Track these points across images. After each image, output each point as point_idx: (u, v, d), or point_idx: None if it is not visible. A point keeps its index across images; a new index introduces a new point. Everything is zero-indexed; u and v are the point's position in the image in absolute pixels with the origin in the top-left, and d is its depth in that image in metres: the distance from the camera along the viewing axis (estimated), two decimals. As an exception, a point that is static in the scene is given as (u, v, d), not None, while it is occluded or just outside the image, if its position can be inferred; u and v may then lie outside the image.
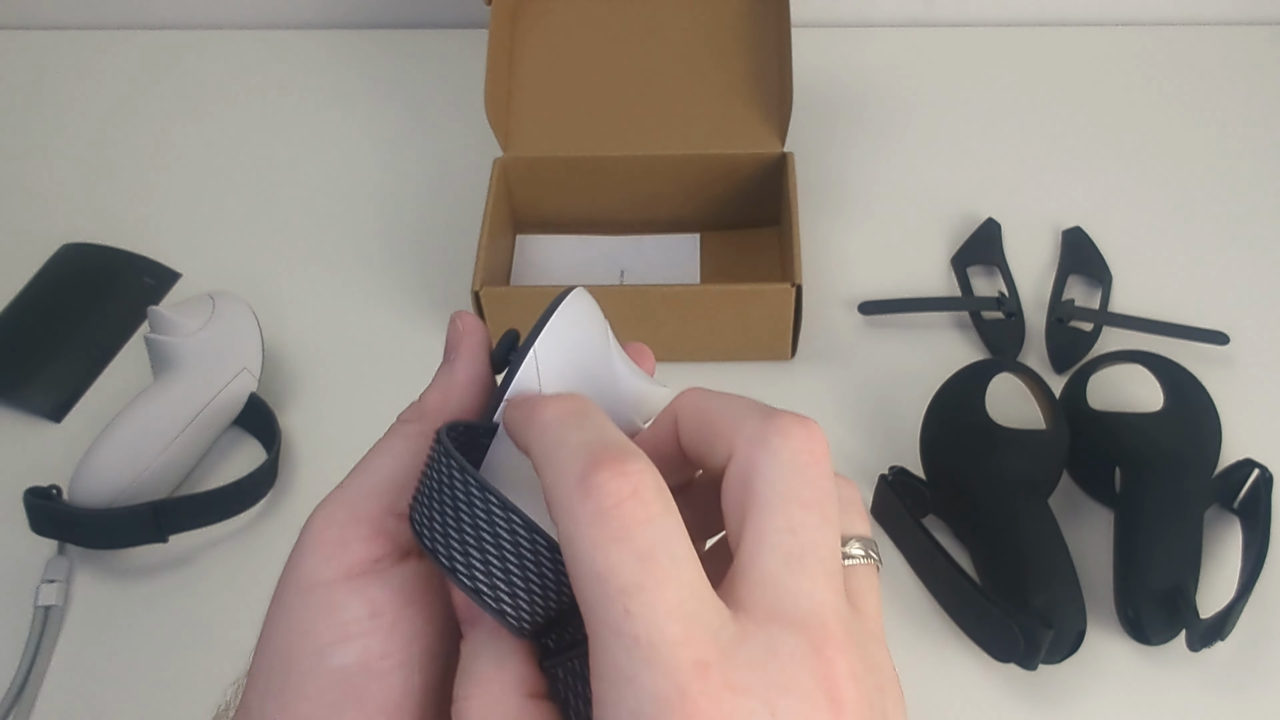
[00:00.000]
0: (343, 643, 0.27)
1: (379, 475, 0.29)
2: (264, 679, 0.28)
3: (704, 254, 0.73)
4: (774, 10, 0.72)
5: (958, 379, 0.60)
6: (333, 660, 0.27)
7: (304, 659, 0.27)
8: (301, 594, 0.28)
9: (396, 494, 0.29)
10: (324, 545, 0.28)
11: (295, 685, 0.28)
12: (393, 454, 0.30)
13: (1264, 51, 0.84)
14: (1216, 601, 0.54)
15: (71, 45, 0.91)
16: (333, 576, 0.28)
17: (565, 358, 0.31)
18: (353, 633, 0.27)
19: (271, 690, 0.28)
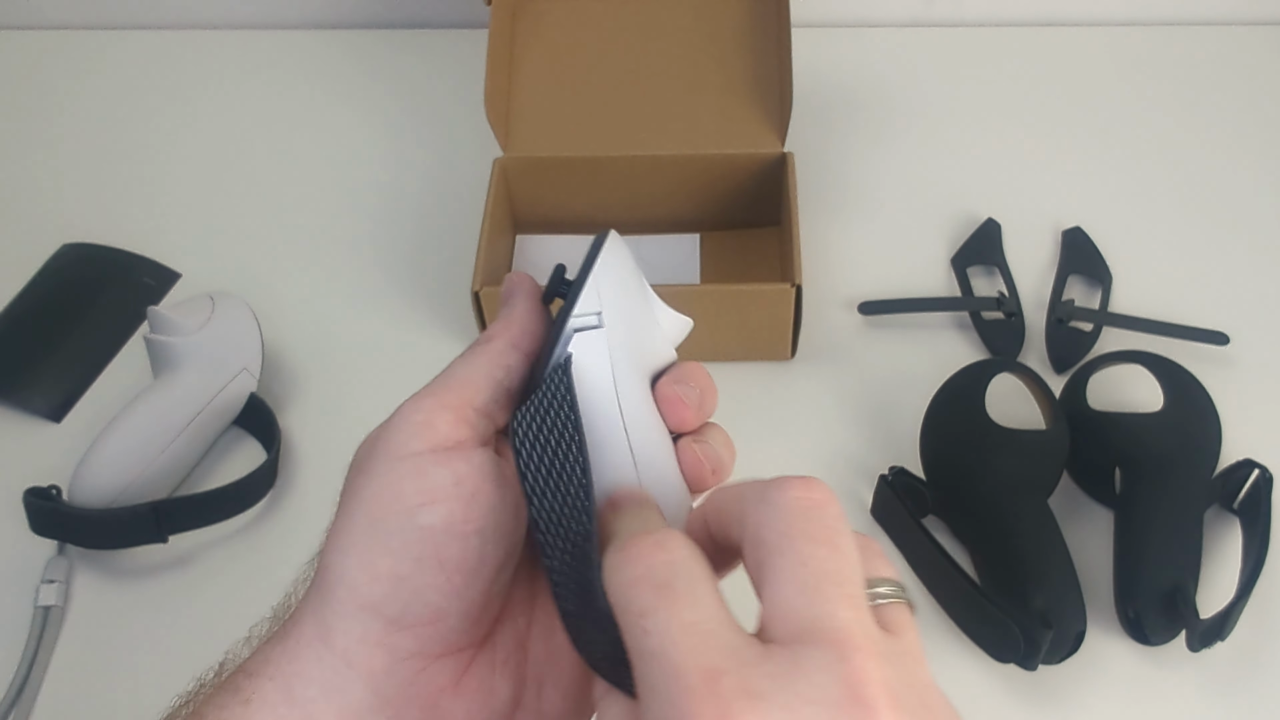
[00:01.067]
0: (430, 504, 0.30)
1: (458, 377, 0.33)
2: (345, 538, 0.31)
3: (704, 254, 0.73)
4: (774, 10, 0.72)
5: (958, 379, 0.60)
6: (420, 519, 0.30)
7: (393, 518, 0.30)
8: (391, 462, 0.31)
9: (475, 391, 0.33)
10: (413, 425, 0.31)
11: (381, 541, 0.30)
12: (471, 364, 0.33)
13: (1264, 51, 0.84)
14: (1216, 602, 0.54)
15: (72, 45, 0.91)
16: (420, 449, 0.31)
17: (617, 284, 0.34)
18: (439, 497, 0.30)
19: (354, 547, 0.31)
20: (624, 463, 0.33)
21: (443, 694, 0.32)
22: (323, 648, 0.31)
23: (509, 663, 0.34)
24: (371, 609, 0.30)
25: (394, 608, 0.30)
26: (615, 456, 0.33)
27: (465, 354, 0.34)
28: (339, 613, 0.31)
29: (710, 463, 0.35)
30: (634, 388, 0.34)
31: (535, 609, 0.35)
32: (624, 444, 0.33)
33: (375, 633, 0.30)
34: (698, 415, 0.35)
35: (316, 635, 0.31)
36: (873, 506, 0.61)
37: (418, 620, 0.31)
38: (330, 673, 0.30)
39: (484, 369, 0.33)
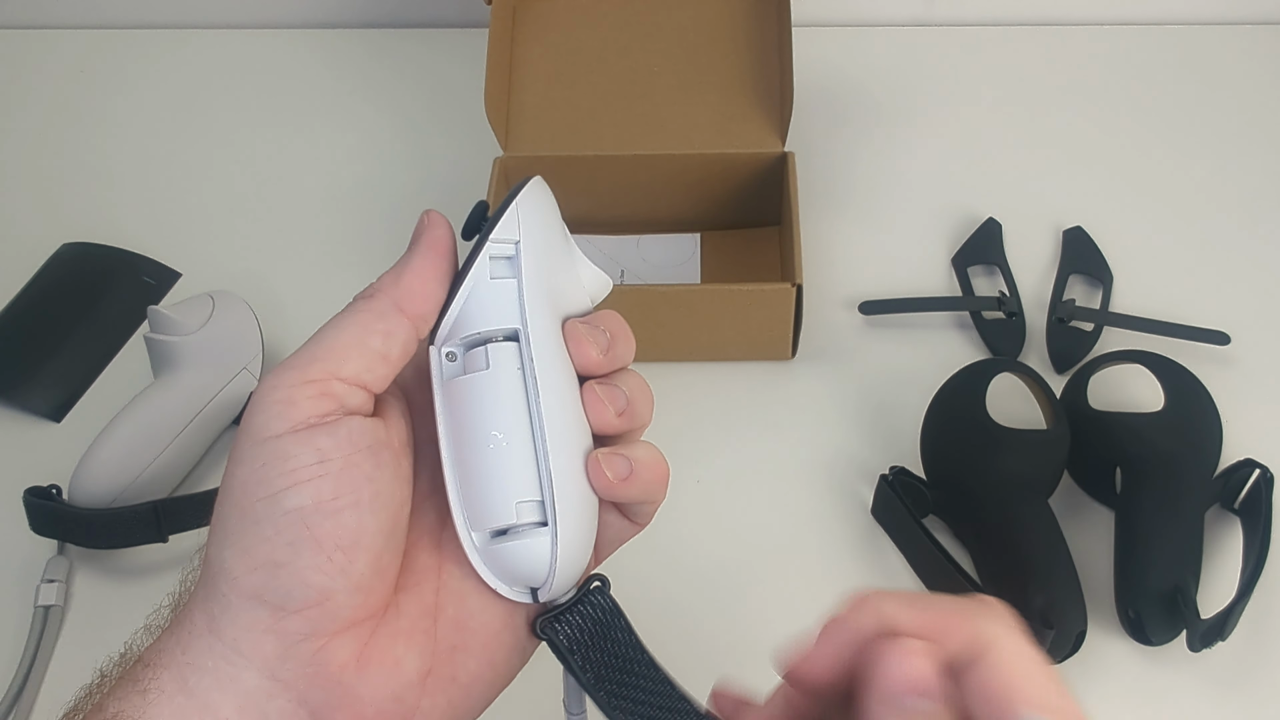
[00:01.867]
0: (294, 487, 0.30)
1: (325, 345, 0.32)
2: (222, 530, 0.31)
3: (704, 254, 0.73)
4: (774, 10, 0.72)
5: (958, 379, 0.60)
6: (287, 503, 0.30)
7: (259, 505, 0.30)
8: (253, 447, 0.30)
9: (341, 360, 0.31)
10: (273, 404, 0.30)
11: (253, 530, 0.30)
12: (340, 326, 0.32)
13: (1264, 51, 0.84)
14: (1217, 602, 0.54)
15: (72, 45, 0.91)
16: (281, 430, 0.30)
17: (538, 221, 0.34)
18: (303, 477, 0.30)
19: (230, 539, 0.30)
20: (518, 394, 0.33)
21: (344, 670, 0.31)
22: (212, 638, 0.30)
23: (415, 631, 0.33)
24: (254, 597, 0.30)
25: (276, 595, 0.30)
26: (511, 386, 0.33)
27: (340, 314, 0.33)
28: (223, 604, 0.30)
29: (614, 404, 0.34)
30: (543, 322, 0.33)
31: (442, 575, 0.34)
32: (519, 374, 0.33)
33: (262, 620, 0.30)
34: (606, 359, 0.34)
35: (205, 626, 0.31)
36: (873, 506, 0.61)
37: (304, 604, 0.30)
38: (222, 662, 0.30)
39: (355, 334, 0.32)
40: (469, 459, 0.33)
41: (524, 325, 0.33)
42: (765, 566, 0.59)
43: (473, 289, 0.33)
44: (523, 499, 0.33)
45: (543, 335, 0.33)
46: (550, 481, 0.32)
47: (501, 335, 0.33)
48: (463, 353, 0.33)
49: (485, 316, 0.33)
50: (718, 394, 0.66)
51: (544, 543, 0.33)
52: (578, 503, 0.33)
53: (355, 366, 0.32)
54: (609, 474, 0.33)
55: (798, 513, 0.61)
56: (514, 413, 0.33)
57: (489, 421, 0.33)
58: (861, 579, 0.59)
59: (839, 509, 0.61)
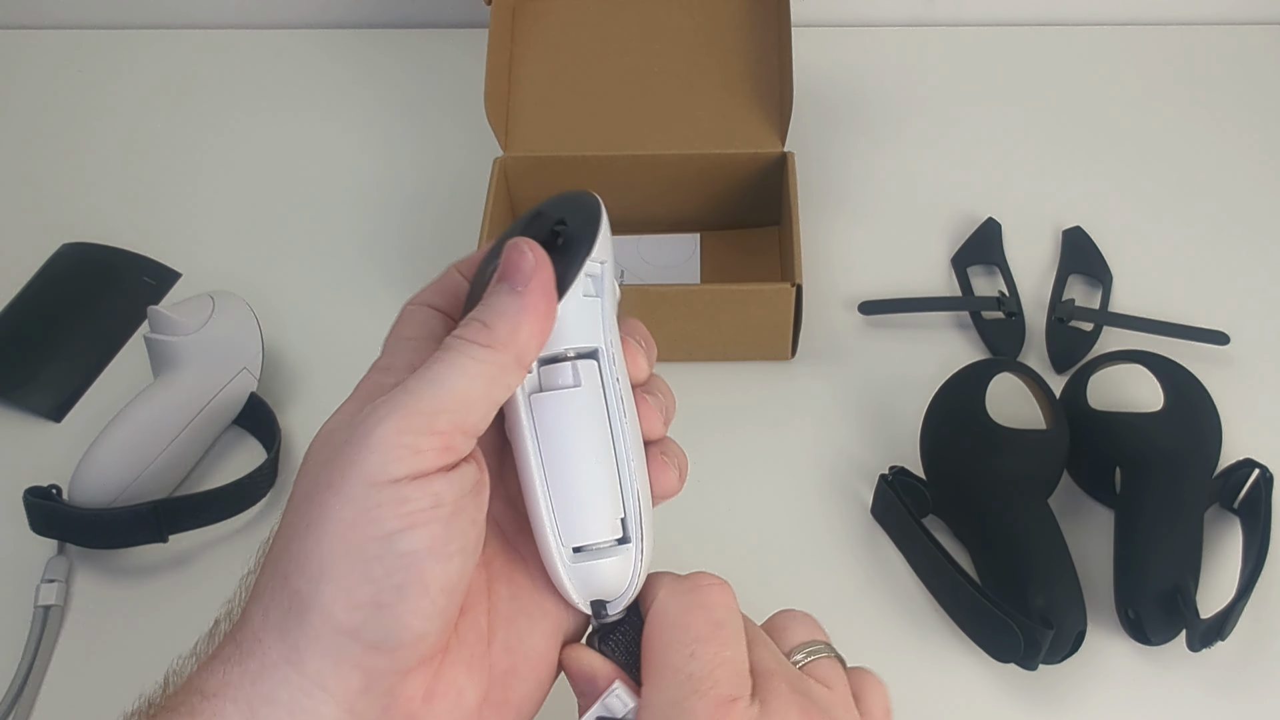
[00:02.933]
0: (410, 530, 0.29)
1: (453, 394, 0.31)
2: (316, 563, 0.29)
3: (704, 254, 0.73)
4: (774, 10, 0.72)
5: (958, 379, 0.60)
6: (401, 544, 0.29)
7: (371, 545, 0.29)
8: (368, 488, 0.29)
9: (468, 414, 0.31)
10: (396, 449, 0.30)
11: (360, 569, 0.29)
12: (465, 375, 0.31)
13: (1264, 51, 0.84)
14: (1217, 601, 0.54)
15: (71, 45, 0.91)
16: (402, 476, 0.30)
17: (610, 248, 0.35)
18: (419, 521, 0.29)
19: (329, 573, 0.29)
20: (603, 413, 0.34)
21: (412, 703, 0.31)
22: (291, 670, 0.30)
23: (473, 659, 0.33)
24: (350, 634, 0.30)
25: (375, 634, 0.30)
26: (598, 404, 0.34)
27: (460, 358, 0.31)
28: (313, 637, 0.30)
29: (664, 413, 0.36)
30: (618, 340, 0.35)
31: (493, 598, 0.35)
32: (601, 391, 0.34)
33: (353, 655, 0.30)
34: (649, 365, 0.36)
35: (284, 658, 0.30)
36: (873, 506, 0.61)
37: (399, 644, 0.30)
38: (300, 694, 0.30)
39: (483, 389, 0.31)
40: (561, 476, 0.33)
41: (606, 345, 0.34)
42: (765, 566, 0.59)
43: (564, 307, 0.33)
44: (611, 516, 0.34)
45: (619, 354, 0.35)
46: (636, 499, 0.34)
47: (576, 352, 0.34)
48: (538, 367, 0.34)
49: (570, 334, 0.34)
50: (718, 394, 0.66)
51: (627, 559, 0.34)
52: (649, 515, 0.35)
53: (478, 419, 0.31)
54: (674, 472, 0.35)
55: (798, 513, 0.61)
56: (602, 430, 0.34)
57: (583, 438, 0.33)
58: (861, 579, 0.59)
59: (839, 509, 0.61)
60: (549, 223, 0.34)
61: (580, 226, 0.34)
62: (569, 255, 0.34)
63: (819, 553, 0.60)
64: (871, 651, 0.56)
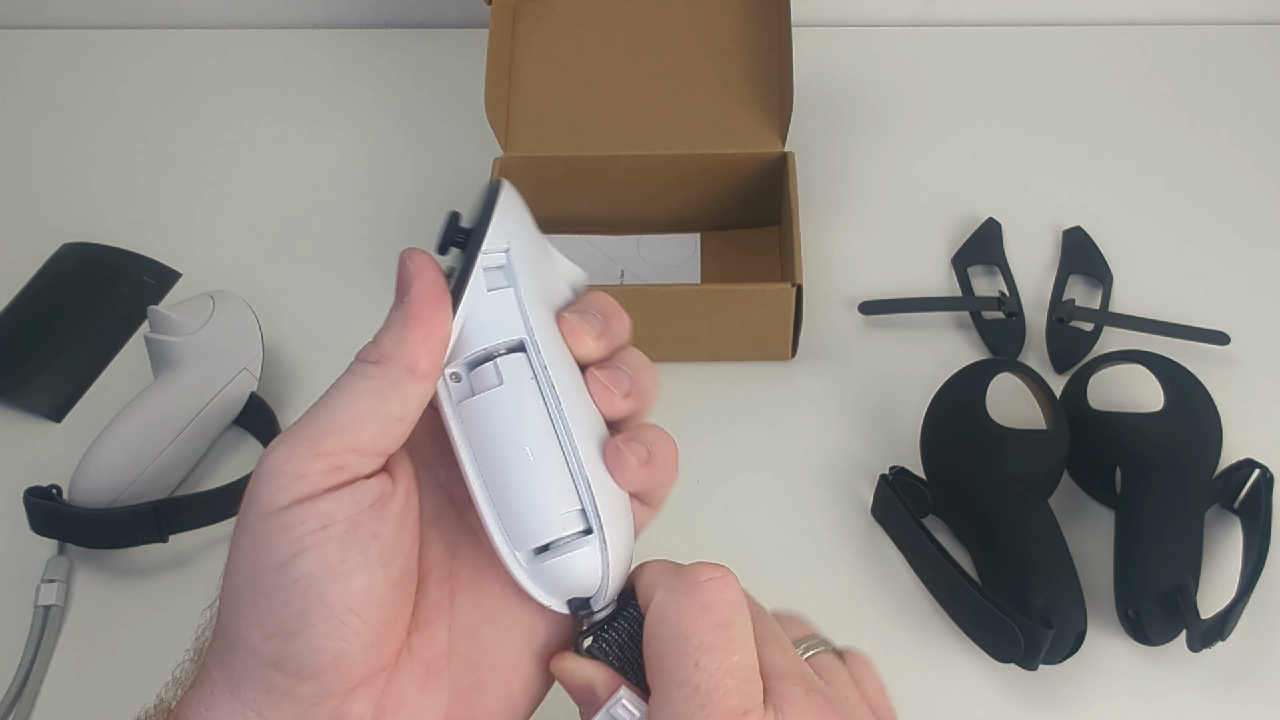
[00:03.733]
0: (300, 554, 0.29)
1: (340, 413, 0.31)
2: (235, 599, 0.31)
3: (704, 254, 0.73)
4: (774, 10, 0.72)
5: (958, 379, 0.60)
6: (295, 570, 0.29)
7: (268, 575, 0.30)
8: (260, 520, 0.30)
9: (358, 430, 0.31)
10: (281, 477, 0.30)
11: (264, 600, 0.30)
12: (352, 393, 0.31)
13: (1264, 51, 0.84)
14: (1217, 602, 0.54)
15: (70, 45, 0.91)
16: (287, 502, 0.30)
17: (519, 223, 0.34)
18: (308, 545, 0.29)
19: (243, 609, 0.30)
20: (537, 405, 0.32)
21: None
22: (234, 700, 0.30)
23: (429, 675, 0.33)
24: (271, 664, 0.30)
25: (292, 661, 0.30)
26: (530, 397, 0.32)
27: (348, 379, 0.32)
28: (241, 669, 0.30)
29: (619, 387, 0.34)
30: (545, 325, 0.33)
31: (455, 611, 0.34)
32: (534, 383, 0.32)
33: (280, 685, 0.30)
34: (600, 341, 0.34)
35: (226, 688, 0.31)
36: (873, 506, 0.61)
37: (319, 669, 0.30)
38: None
39: (371, 404, 0.31)
40: (501, 480, 0.32)
41: (529, 334, 0.32)
42: (765, 566, 0.59)
43: (470, 305, 0.32)
44: (564, 510, 0.32)
45: (548, 339, 0.33)
46: (588, 487, 0.32)
47: (505, 348, 0.32)
48: (467, 372, 0.33)
49: (487, 331, 0.32)
50: (718, 394, 0.66)
51: (593, 550, 0.32)
52: (615, 502, 0.33)
53: (371, 437, 0.31)
54: (633, 460, 0.33)
55: (798, 513, 0.61)
56: (538, 424, 0.32)
57: (515, 437, 0.32)
58: (861, 579, 0.59)
59: (839, 509, 0.61)
60: (456, 223, 0.33)
61: (476, 220, 0.33)
62: (467, 252, 0.33)
63: (819, 553, 0.60)
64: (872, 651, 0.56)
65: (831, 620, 0.57)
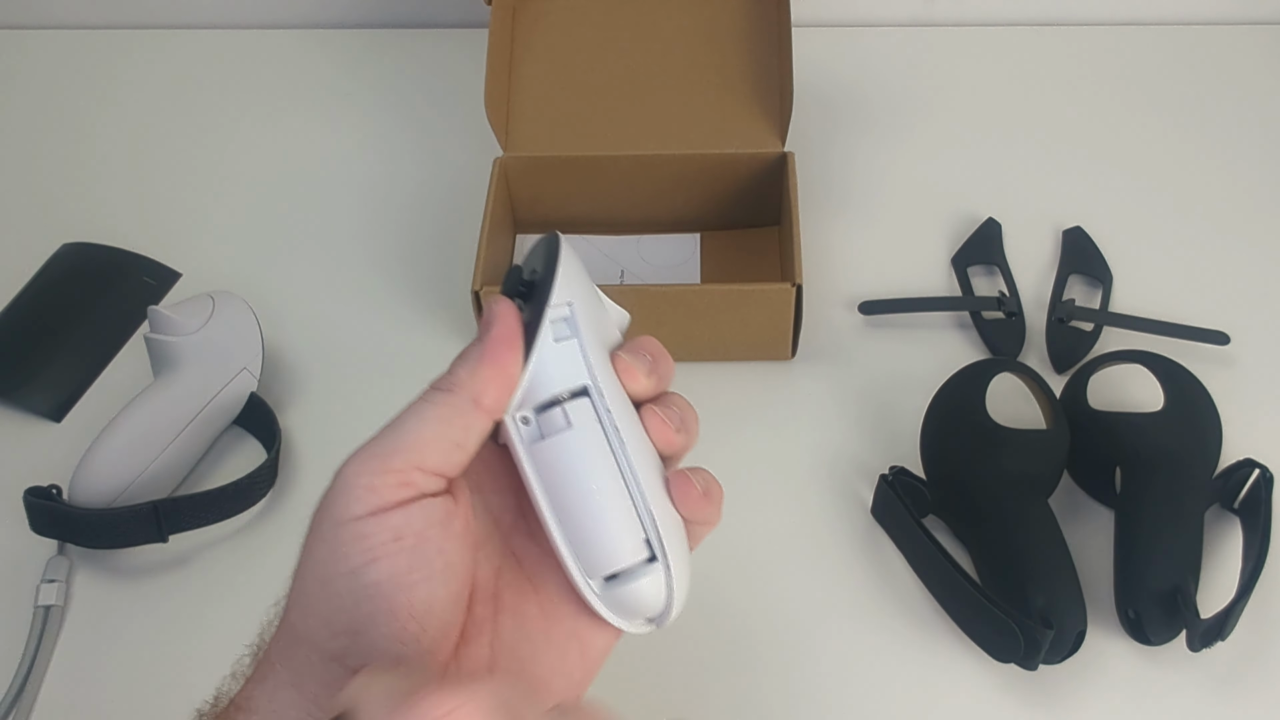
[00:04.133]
0: (373, 563, 0.32)
1: (409, 435, 0.33)
2: (304, 599, 0.33)
3: (704, 254, 0.73)
4: (774, 10, 0.72)
5: (958, 379, 0.60)
6: (365, 577, 0.32)
7: (340, 579, 0.32)
8: (335, 528, 0.32)
9: (424, 454, 0.33)
10: (355, 489, 0.32)
11: (334, 601, 0.32)
12: (422, 418, 0.33)
13: (1264, 51, 0.84)
14: (1217, 602, 0.54)
15: (71, 45, 0.91)
16: (361, 513, 0.32)
17: (580, 281, 0.37)
18: (380, 554, 0.32)
19: (312, 606, 0.33)
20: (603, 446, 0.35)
21: None
22: (295, 692, 0.33)
23: None
24: (335, 659, 0.32)
25: (356, 658, 0.32)
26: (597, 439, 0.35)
27: (420, 404, 0.34)
28: (306, 662, 0.33)
29: (673, 421, 0.36)
30: (605, 372, 0.36)
31: (498, 629, 0.36)
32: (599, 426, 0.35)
33: (340, 680, 0.32)
34: (651, 379, 0.37)
35: (289, 680, 0.33)
36: (873, 506, 0.61)
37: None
38: (305, 716, 0.32)
39: (436, 429, 0.33)
40: (573, 515, 0.35)
41: (593, 380, 0.35)
42: (765, 566, 0.59)
43: (538, 356, 0.35)
44: (631, 541, 0.35)
45: (609, 383, 0.36)
46: (653, 519, 0.35)
47: (570, 393, 0.35)
48: (535, 416, 0.35)
49: (554, 380, 0.35)
50: (718, 394, 0.66)
51: (659, 577, 0.35)
52: (676, 530, 0.36)
53: (435, 459, 0.33)
54: (697, 490, 0.36)
55: (798, 513, 0.61)
56: (605, 463, 0.35)
57: (585, 477, 0.34)
58: (861, 579, 0.59)
59: (839, 509, 0.61)
60: (516, 278, 0.37)
61: (542, 276, 0.36)
62: (534, 306, 0.36)
63: (819, 553, 0.60)
64: (872, 651, 0.57)
65: (832, 620, 0.57)
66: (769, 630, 0.57)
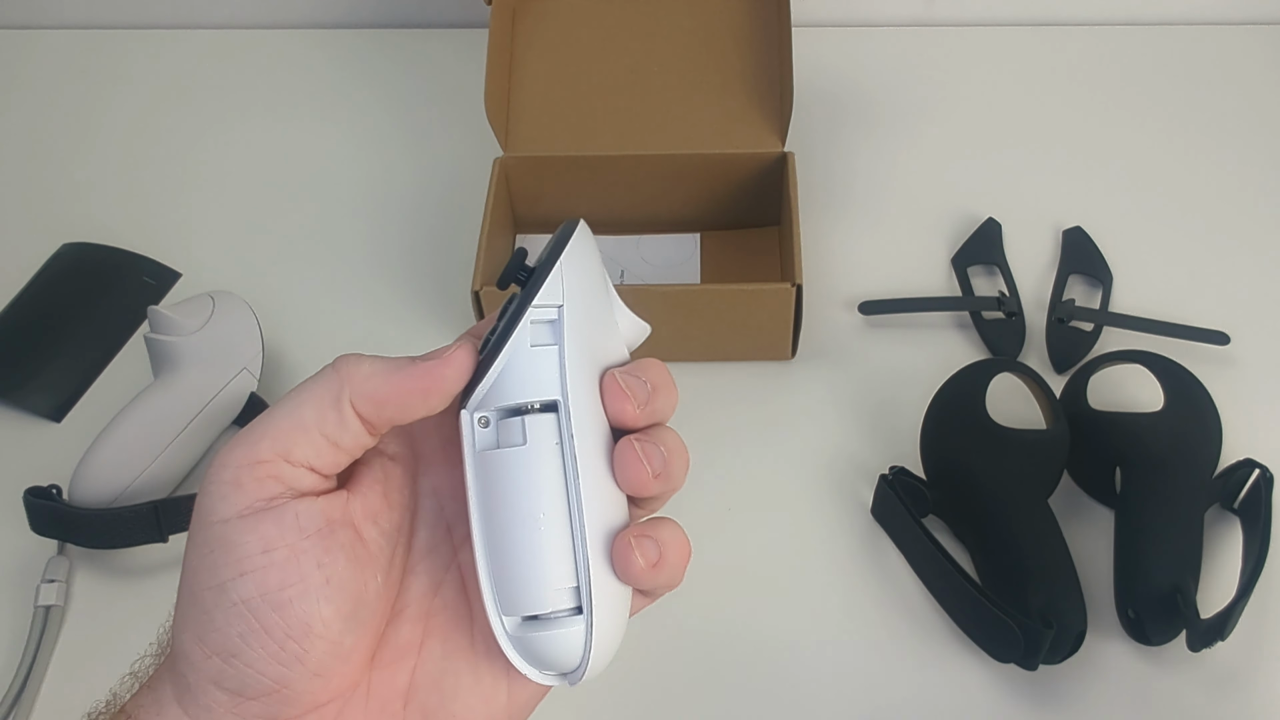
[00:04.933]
0: (240, 577, 0.29)
1: (276, 423, 0.30)
2: (180, 613, 0.30)
3: (704, 254, 0.73)
4: (774, 10, 0.72)
5: (958, 379, 0.60)
6: (233, 594, 0.29)
7: (208, 594, 0.29)
8: (203, 529, 0.29)
9: (289, 443, 0.30)
10: (220, 485, 0.29)
11: (205, 619, 0.29)
12: (297, 404, 0.31)
13: (1264, 51, 0.84)
14: (1217, 602, 0.54)
15: (70, 45, 0.91)
16: (228, 515, 0.29)
17: (582, 278, 0.33)
18: (247, 568, 0.29)
19: (186, 624, 0.30)
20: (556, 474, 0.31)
21: None
22: (179, 710, 0.30)
23: (382, 713, 0.32)
24: (213, 682, 0.29)
25: (233, 682, 0.29)
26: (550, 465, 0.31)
27: (302, 386, 0.31)
28: (187, 682, 0.30)
29: (651, 464, 0.31)
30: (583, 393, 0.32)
31: (423, 654, 0.33)
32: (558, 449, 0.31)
33: (223, 703, 0.30)
34: (643, 410, 0.32)
35: (174, 697, 0.30)
36: (873, 506, 0.61)
37: (260, 691, 0.29)
38: None
39: (307, 416, 0.30)
40: (504, 540, 0.31)
41: (564, 399, 0.31)
42: (765, 566, 0.59)
43: (511, 356, 0.31)
44: (560, 586, 0.31)
45: (582, 409, 0.31)
46: (587, 569, 0.31)
47: (538, 405, 0.31)
48: (496, 419, 0.32)
49: (523, 386, 0.31)
50: (718, 394, 0.66)
51: (578, 632, 0.31)
52: (613, 588, 0.31)
53: (304, 451, 0.30)
54: (641, 561, 0.31)
55: (798, 513, 0.61)
56: (552, 494, 0.31)
57: (526, 502, 0.31)
58: (861, 579, 0.59)
59: (839, 509, 0.61)
60: (516, 264, 0.33)
61: (541, 267, 0.32)
62: (518, 303, 0.32)
63: (819, 553, 0.60)
64: (872, 651, 0.57)
65: (832, 621, 0.57)
66: (769, 630, 0.57)
